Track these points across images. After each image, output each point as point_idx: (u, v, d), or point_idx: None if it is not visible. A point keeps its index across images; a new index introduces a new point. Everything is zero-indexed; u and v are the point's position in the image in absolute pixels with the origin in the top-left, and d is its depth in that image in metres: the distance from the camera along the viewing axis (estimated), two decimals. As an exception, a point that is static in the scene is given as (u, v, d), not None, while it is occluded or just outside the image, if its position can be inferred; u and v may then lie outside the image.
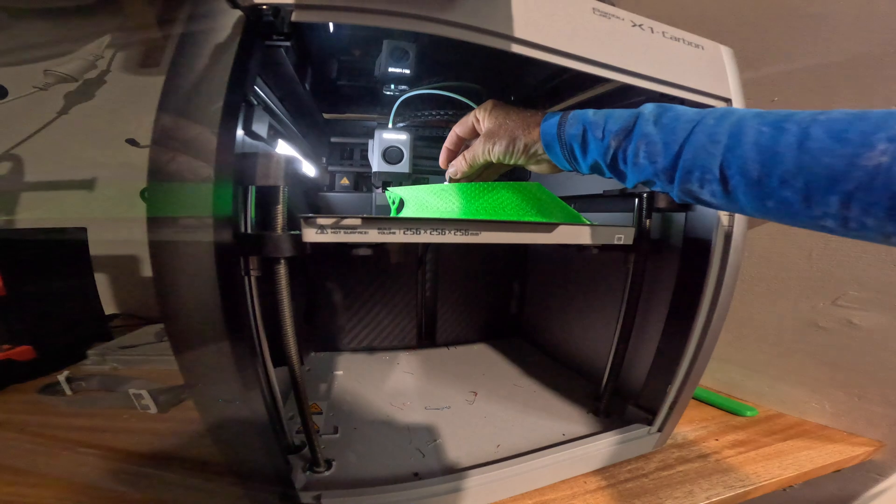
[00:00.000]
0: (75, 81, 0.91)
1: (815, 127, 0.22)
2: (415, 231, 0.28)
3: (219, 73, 0.27)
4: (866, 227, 0.21)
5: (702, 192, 0.27)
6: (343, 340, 0.71)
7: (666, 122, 0.28)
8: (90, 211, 0.87)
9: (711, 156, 0.25)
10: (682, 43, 0.39)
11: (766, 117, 0.24)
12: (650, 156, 0.28)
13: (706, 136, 0.26)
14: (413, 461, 0.41)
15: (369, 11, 0.29)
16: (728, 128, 0.25)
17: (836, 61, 0.53)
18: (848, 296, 0.53)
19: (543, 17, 0.33)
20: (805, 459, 0.48)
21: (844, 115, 0.22)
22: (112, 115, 0.91)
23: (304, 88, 0.46)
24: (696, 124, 0.27)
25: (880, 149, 0.20)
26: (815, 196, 0.22)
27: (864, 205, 0.20)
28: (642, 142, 0.28)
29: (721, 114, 0.26)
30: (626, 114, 0.30)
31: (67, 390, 0.55)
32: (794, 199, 0.23)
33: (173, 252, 0.25)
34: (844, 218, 0.21)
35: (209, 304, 0.25)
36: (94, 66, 0.92)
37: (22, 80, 0.83)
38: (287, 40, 0.30)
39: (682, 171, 0.27)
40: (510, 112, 0.36)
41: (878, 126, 0.20)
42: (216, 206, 0.25)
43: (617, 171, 0.31)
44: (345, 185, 0.65)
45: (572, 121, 0.32)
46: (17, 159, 0.89)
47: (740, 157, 0.24)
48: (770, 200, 0.24)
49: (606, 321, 0.56)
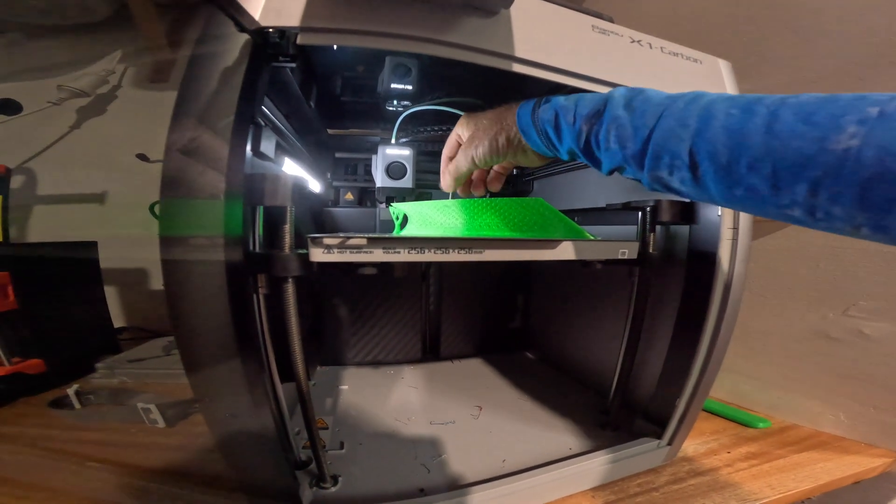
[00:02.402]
0: (87, 96, 0.93)
1: (783, 109, 0.21)
2: (419, 250, 0.28)
3: (228, 96, 0.28)
4: (833, 216, 0.20)
5: (671, 180, 0.26)
6: (348, 355, 0.71)
7: (636, 106, 0.27)
8: (100, 224, 0.89)
9: (681, 140, 0.24)
10: (681, 58, 0.39)
11: (736, 101, 0.24)
12: (620, 140, 0.27)
13: (675, 120, 0.25)
14: (418, 477, 0.41)
15: (372, 34, 0.30)
16: (697, 111, 0.24)
17: (832, 72, 0.54)
18: (858, 306, 0.53)
19: (544, 35, 0.34)
20: (821, 471, 0.47)
21: (814, 98, 0.21)
22: (122, 130, 0.93)
23: (309, 106, 0.47)
24: (666, 108, 0.26)
25: (850, 132, 0.19)
26: (783, 183, 0.21)
27: (832, 192, 0.19)
28: (612, 125, 0.27)
29: (692, 97, 0.26)
30: (596, 97, 0.30)
31: (77, 404, 0.55)
32: (761, 186, 0.22)
33: (186, 270, 0.26)
34: (812, 206, 0.20)
35: (221, 322, 0.26)
36: (105, 82, 0.94)
37: (37, 95, 0.86)
38: (293, 61, 0.31)
39: (652, 156, 0.26)
40: (483, 115, 0.37)
41: (847, 108, 0.19)
42: (228, 225, 0.26)
43: (591, 157, 0.30)
44: (349, 201, 0.65)
45: (545, 106, 0.32)
46: (30, 172, 0.91)
47: (709, 142, 0.23)
48: (738, 188, 0.23)
49: (613, 333, 0.56)
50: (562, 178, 0.66)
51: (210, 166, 0.26)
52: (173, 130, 0.27)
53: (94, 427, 0.51)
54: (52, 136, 0.91)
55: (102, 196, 0.92)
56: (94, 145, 0.93)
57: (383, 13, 0.29)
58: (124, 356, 0.71)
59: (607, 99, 0.29)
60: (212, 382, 0.28)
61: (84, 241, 0.75)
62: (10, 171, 0.69)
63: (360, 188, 0.66)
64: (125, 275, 0.93)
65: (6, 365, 0.57)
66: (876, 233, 0.19)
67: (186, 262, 0.26)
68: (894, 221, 0.18)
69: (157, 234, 0.73)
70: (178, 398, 0.54)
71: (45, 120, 0.88)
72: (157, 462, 0.42)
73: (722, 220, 0.40)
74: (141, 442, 0.47)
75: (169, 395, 0.57)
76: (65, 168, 0.92)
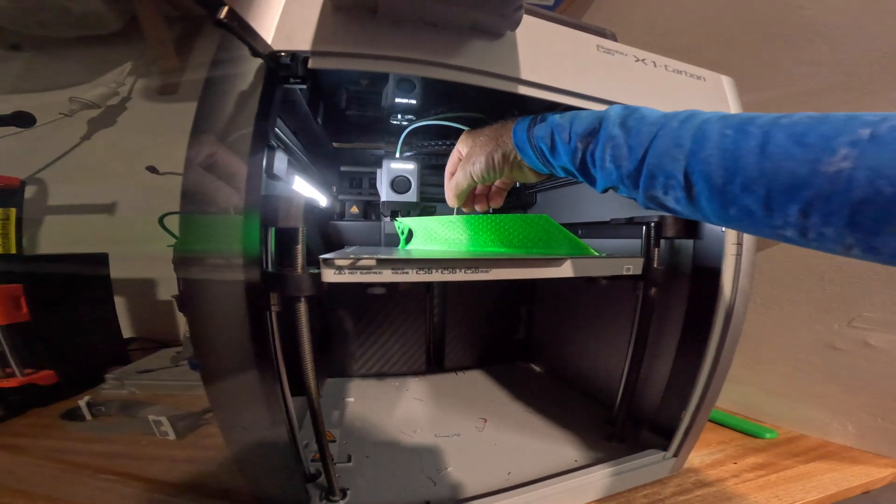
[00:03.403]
0: (98, 108, 0.95)
1: (776, 130, 0.21)
2: (427, 270, 0.29)
3: (244, 119, 0.29)
4: (825, 237, 0.20)
5: (666, 199, 0.26)
6: (353, 366, 0.71)
7: (631, 125, 0.27)
8: (110, 235, 0.91)
9: (675, 160, 0.24)
10: (685, 75, 0.40)
11: (730, 120, 0.24)
12: (616, 159, 0.27)
13: (670, 140, 0.25)
14: (424, 489, 0.41)
15: (381, 58, 0.31)
16: (692, 131, 0.24)
17: (830, 84, 0.54)
18: (863, 317, 0.53)
19: (549, 57, 0.34)
20: (829, 482, 0.47)
21: (807, 118, 0.21)
22: (132, 142, 0.95)
23: (317, 122, 0.48)
24: (661, 128, 0.26)
25: (841, 154, 0.19)
26: (776, 204, 0.21)
27: (823, 213, 0.19)
28: (609, 144, 0.27)
29: (686, 116, 0.26)
30: (592, 115, 0.30)
31: (88, 415, 0.56)
32: (755, 207, 0.22)
33: (206, 288, 0.27)
34: (804, 227, 0.20)
35: (240, 339, 0.27)
36: (115, 93, 0.96)
37: (50, 107, 0.88)
38: (304, 83, 0.32)
39: (647, 175, 0.26)
40: (481, 132, 0.37)
41: (839, 130, 0.19)
42: (245, 246, 0.27)
43: (587, 175, 0.30)
44: (354, 214, 0.66)
45: (541, 123, 0.32)
46: (41, 183, 0.93)
47: (703, 162, 0.23)
48: (732, 208, 0.23)
49: (618, 345, 0.56)
50: (565, 191, 0.67)
51: (229, 188, 0.27)
52: (192, 152, 0.28)
53: (107, 439, 0.52)
54: (63, 147, 0.93)
55: (112, 207, 0.94)
56: (104, 156, 0.95)
57: (391, 37, 0.30)
58: (133, 367, 0.72)
59: (602, 117, 0.29)
60: (229, 397, 0.29)
61: (95, 254, 0.76)
62: (24, 184, 0.70)
63: (365, 201, 0.67)
64: (134, 285, 0.94)
65: (19, 376, 0.58)
66: (867, 253, 0.19)
67: (209, 282, 0.27)
68: (884, 242, 0.18)
69: (167, 246, 0.73)
70: (187, 410, 0.55)
71: (57, 131, 0.90)
72: (169, 474, 0.43)
73: (726, 236, 0.40)
74: (152, 454, 0.48)
75: (178, 406, 0.57)
76: (75, 179, 0.93)
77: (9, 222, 0.66)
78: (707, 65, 0.41)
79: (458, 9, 0.29)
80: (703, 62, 0.41)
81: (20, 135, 0.82)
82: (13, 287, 0.59)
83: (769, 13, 0.61)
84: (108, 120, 0.97)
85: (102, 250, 0.78)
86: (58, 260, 0.72)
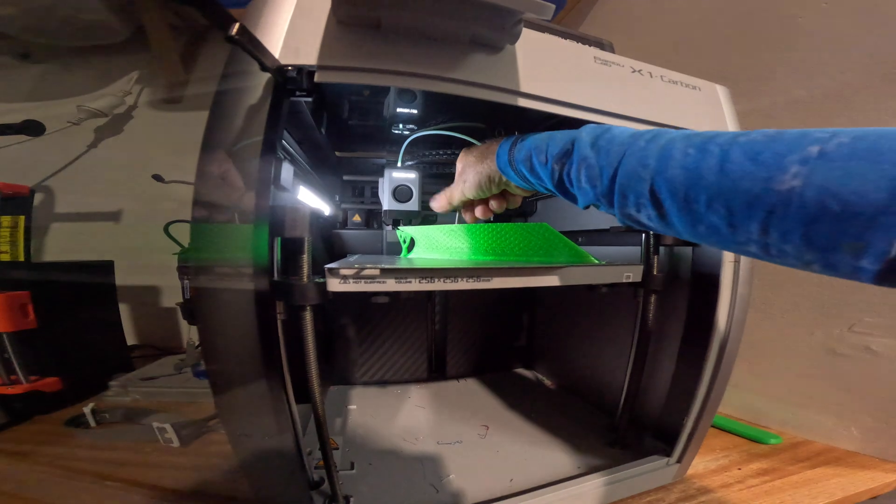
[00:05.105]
0: (105, 116, 0.97)
1: (734, 148, 0.21)
2: (429, 280, 0.30)
3: (254, 131, 0.29)
4: (786, 253, 0.20)
5: (640, 216, 0.26)
6: (355, 374, 0.72)
7: (601, 145, 0.28)
8: (115, 243, 0.91)
9: (642, 180, 0.25)
10: (680, 85, 0.41)
11: (693, 139, 0.24)
12: (590, 179, 0.28)
13: (636, 160, 0.25)
14: (427, 497, 0.41)
15: (384, 72, 0.32)
16: (657, 151, 0.25)
17: (824, 92, 0.55)
18: (864, 322, 0.53)
19: (548, 69, 0.35)
20: (835, 487, 0.47)
21: (762, 135, 0.21)
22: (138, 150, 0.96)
23: (321, 132, 0.49)
24: (628, 147, 0.26)
25: (792, 171, 0.19)
26: (737, 221, 0.21)
27: (781, 231, 0.19)
28: (582, 165, 0.28)
29: (651, 136, 0.26)
30: (566, 136, 0.30)
31: (92, 422, 0.56)
32: (720, 224, 0.22)
33: (218, 299, 0.27)
34: (765, 244, 0.21)
35: (248, 347, 0.27)
36: (122, 102, 0.98)
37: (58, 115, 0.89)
38: (309, 96, 0.33)
39: (619, 194, 0.26)
40: (473, 150, 0.38)
41: (790, 147, 0.19)
42: (255, 256, 0.27)
43: (567, 194, 0.31)
44: (357, 222, 0.67)
45: (520, 146, 0.33)
46: (49, 191, 0.94)
47: (668, 181, 0.24)
48: (700, 225, 0.23)
49: (619, 351, 0.56)
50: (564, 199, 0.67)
51: (238, 199, 0.28)
52: (203, 163, 0.29)
53: (111, 446, 0.52)
54: (70, 155, 0.94)
55: (118, 215, 0.95)
56: (110, 165, 0.96)
57: (394, 51, 0.31)
58: (137, 374, 0.72)
59: (575, 138, 0.29)
60: (236, 404, 0.29)
61: (101, 261, 0.77)
62: (33, 192, 0.71)
63: (367, 210, 0.68)
64: (138, 293, 0.94)
65: (24, 383, 0.58)
66: (826, 269, 0.20)
67: (219, 290, 0.27)
68: (840, 259, 0.18)
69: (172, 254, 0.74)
70: (190, 417, 0.55)
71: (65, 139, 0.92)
72: (174, 481, 0.43)
73: (724, 242, 0.41)
74: (156, 461, 0.48)
75: (181, 413, 0.58)
76: (82, 187, 0.94)
77: (17, 230, 0.67)
78: (702, 74, 0.42)
79: (459, 23, 0.30)
80: (698, 71, 0.42)
81: (30, 143, 0.83)
82: (21, 294, 0.59)
83: (764, 22, 0.62)
84: (114, 128, 0.98)
85: (108, 258, 0.79)
86: (64, 267, 0.72)
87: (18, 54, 0.93)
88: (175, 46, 0.95)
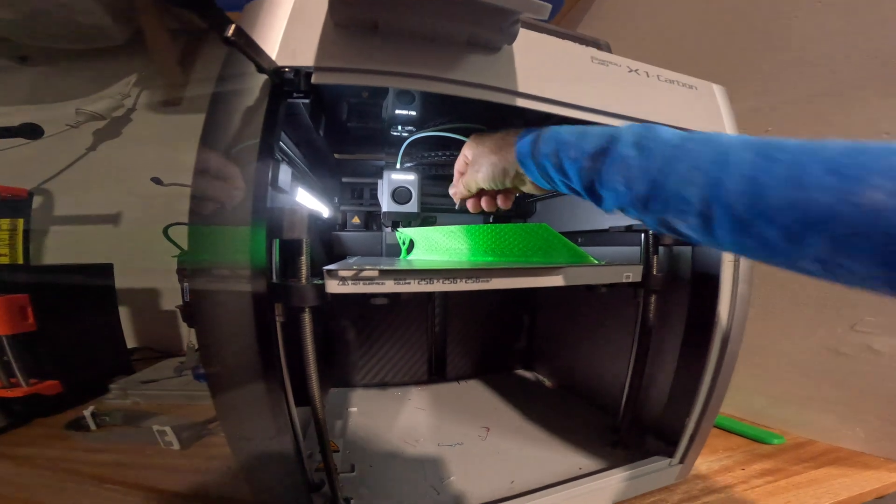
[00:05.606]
0: (104, 119, 0.97)
1: (809, 158, 0.20)
2: (428, 281, 0.30)
3: (251, 133, 0.29)
4: (850, 270, 0.19)
5: (679, 224, 0.25)
6: (355, 376, 0.72)
7: (646, 145, 0.26)
8: (114, 245, 0.91)
9: (693, 185, 0.23)
10: (677, 85, 0.41)
11: (755, 146, 0.22)
12: (627, 181, 0.26)
13: (687, 164, 0.24)
14: (428, 499, 0.41)
15: (381, 73, 0.32)
16: (712, 156, 0.23)
17: (823, 90, 0.55)
18: (865, 322, 0.53)
19: (545, 69, 0.35)
20: (840, 487, 0.46)
21: (842, 146, 0.20)
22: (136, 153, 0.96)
23: (319, 134, 0.49)
24: (679, 149, 0.24)
25: (877, 184, 0.18)
26: (800, 235, 0.20)
27: (852, 247, 0.18)
28: (621, 165, 0.26)
29: (704, 139, 0.24)
30: (603, 133, 0.28)
31: (92, 425, 0.56)
32: (775, 238, 0.21)
33: (216, 301, 0.27)
34: (827, 260, 0.19)
35: (247, 349, 0.27)
36: (120, 105, 0.98)
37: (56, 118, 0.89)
38: (307, 97, 0.33)
39: (660, 199, 0.25)
40: (486, 138, 0.37)
41: (876, 160, 0.18)
42: (253, 258, 0.27)
43: (594, 195, 0.29)
44: (356, 224, 0.67)
45: (546, 138, 0.31)
46: (47, 194, 0.94)
47: (726, 190, 0.22)
48: (750, 238, 0.22)
49: (620, 352, 0.56)
50: (564, 199, 0.67)
51: (236, 201, 0.28)
52: (200, 165, 0.29)
53: (111, 449, 0.52)
54: (68, 158, 0.94)
55: (117, 217, 0.95)
56: (109, 168, 0.96)
57: (391, 52, 0.31)
58: (137, 377, 0.72)
59: (615, 136, 0.28)
60: (236, 407, 0.29)
61: (100, 264, 0.77)
62: (31, 195, 0.72)
63: (366, 212, 0.68)
64: (137, 295, 0.94)
65: (24, 386, 0.58)
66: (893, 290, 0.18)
67: (218, 292, 0.27)
68: None
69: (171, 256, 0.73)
70: (190, 420, 0.55)
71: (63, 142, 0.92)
72: (174, 484, 0.43)
73: (724, 242, 0.41)
74: (157, 464, 0.48)
75: (181, 416, 0.57)
76: (80, 190, 0.95)
77: (16, 233, 0.67)
78: (699, 73, 0.42)
79: (456, 24, 0.30)
80: (695, 70, 0.42)
81: (28, 146, 0.83)
82: (20, 297, 0.59)
83: (760, 22, 0.62)
84: (113, 131, 0.98)
85: (107, 260, 0.78)
86: (64, 270, 0.72)
87: (17, 57, 0.94)
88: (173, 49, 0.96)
